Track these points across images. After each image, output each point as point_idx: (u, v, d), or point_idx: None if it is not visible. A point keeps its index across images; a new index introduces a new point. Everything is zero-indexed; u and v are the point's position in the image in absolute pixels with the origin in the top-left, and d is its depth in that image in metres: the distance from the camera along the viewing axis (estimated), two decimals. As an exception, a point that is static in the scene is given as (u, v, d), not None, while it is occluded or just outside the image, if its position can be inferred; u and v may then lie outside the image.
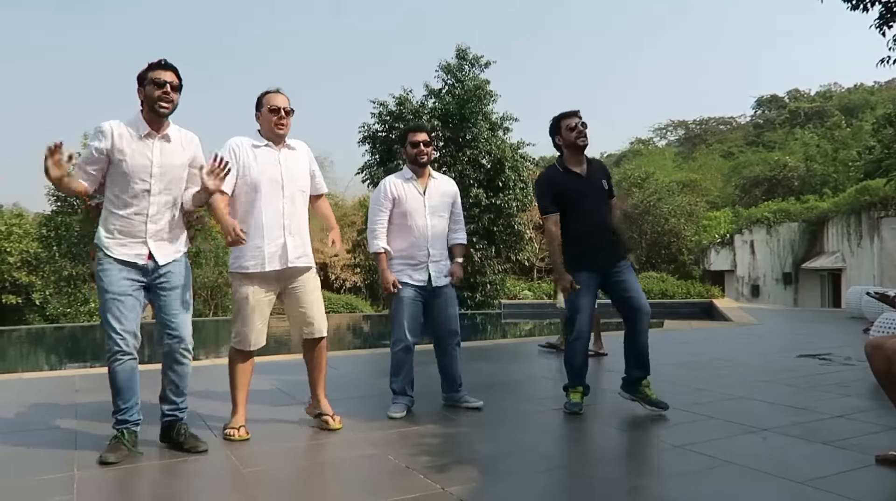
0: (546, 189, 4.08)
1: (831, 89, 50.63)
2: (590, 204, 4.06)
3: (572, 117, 4.09)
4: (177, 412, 3.43)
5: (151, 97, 3.22)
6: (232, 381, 3.66)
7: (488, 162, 17.83)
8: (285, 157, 3.69)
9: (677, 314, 14.05)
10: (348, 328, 15.26)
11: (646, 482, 2.95)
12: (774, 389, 4.79)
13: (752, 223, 25.53)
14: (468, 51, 18.46)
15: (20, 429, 3.80)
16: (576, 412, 4.04)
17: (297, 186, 3.70)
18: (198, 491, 2.92)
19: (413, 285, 4.13)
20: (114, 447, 3.20)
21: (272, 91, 3.71)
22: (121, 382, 3.21)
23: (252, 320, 3.58)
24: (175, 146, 3.35)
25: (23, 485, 2.89)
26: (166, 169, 3.30)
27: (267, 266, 3.55)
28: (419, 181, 4.23)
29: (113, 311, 3.18)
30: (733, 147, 45.09)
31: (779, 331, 9.71)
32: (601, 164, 4.32)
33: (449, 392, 4.34)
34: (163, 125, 3.31)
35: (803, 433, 3.54)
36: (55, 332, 14.58)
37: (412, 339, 4.13)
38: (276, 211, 3.59)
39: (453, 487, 2.77)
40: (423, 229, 4.15)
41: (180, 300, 3.37)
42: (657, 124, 57.31)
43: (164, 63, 3.28)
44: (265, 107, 3.65)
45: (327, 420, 3.76)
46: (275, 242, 3.57)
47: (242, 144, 3.62)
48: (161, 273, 3.33)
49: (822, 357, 6.29)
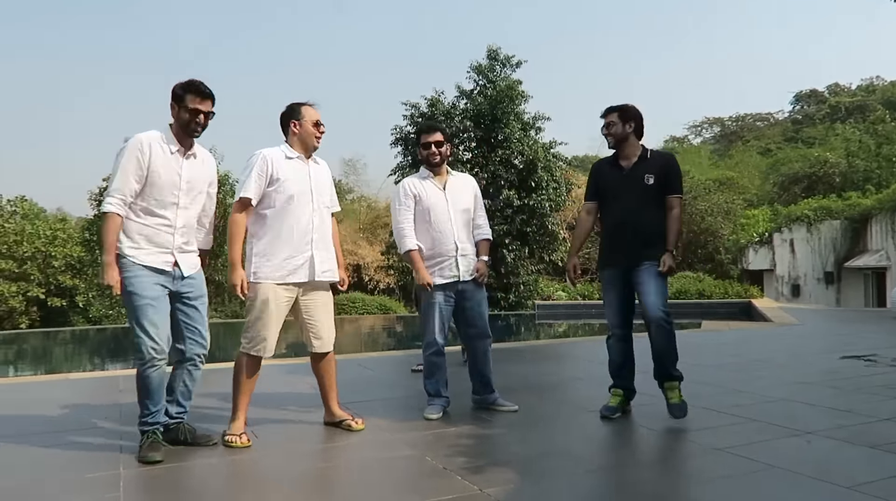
0: (589, 177, 4.25)
1: (874, 83, 49.26)
2: (621, 199, 3.97)
3: (608, 114, 4.04)
4: (184, 415, 3.52)
5: (186, 122, 3.32)
6: (237, 387, 3.61)
7: (521, 162, 17.74)
8: (314, 171, 3.73)
9: (715, 314, 13.81)
10: (382, 329, 15.34)
11: (685, 485, 2.91)
12: (817, 391, 4.68)
13: (792, 221, 24.97)
14: (499, 51, 18.42)
15: (67, 428, 3.90)
16: (605, 417, 3.97)
17: (323, 201, 3.74)
18: (238, 490, 2.96)
19: (444, 283, 4.11)
20: (153, 446, 3.26)
21: (310, 104, 3.74)
22: (153, 386, 3.27)
23: (272, 327, 3.58)
24: (199, 164, 3.47)
25: (71, 483, 2.97)
26: (192, 184, 3.40)
27: (294, 278, 3.59)
28: (437, 179, 4.23)
29: (148, 316, 3.21)
30: (771, 144, 44.20)
31: (820, 332, 9.48)
32: (662, 158, 4.07)
33: (483, 395, 4.30)
34: (191, 143, 3.42)
35: (849, 436, 3.45)
36: (98, 334, 14.96)
37: (443, 342, 4.15)
38: (306, 224, 3.62)
39: (491, 489, 2.77)
40: (447, 223, 4.13)
41: (203, 310, 3.48)
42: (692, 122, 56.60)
43: (205, 90, 3.35)
44: (306, 119, 3.68)
45: (350, 424, 3.78)
46: (303, 254, 3.60)
47: (276, 156, 3.63)
48: (186, 283, 3.40)
49: (866, 359, 6.12)
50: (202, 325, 3.46)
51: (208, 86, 3.37)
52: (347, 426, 3.78)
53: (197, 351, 3.46)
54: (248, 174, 3.56)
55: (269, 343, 3.59)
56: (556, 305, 17.27)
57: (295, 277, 3.59)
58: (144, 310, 3.22)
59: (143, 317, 3.21)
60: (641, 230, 3.91)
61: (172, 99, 3.35)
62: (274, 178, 3.58)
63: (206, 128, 3.39)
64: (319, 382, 3.86)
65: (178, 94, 3.33)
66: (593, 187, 4.16)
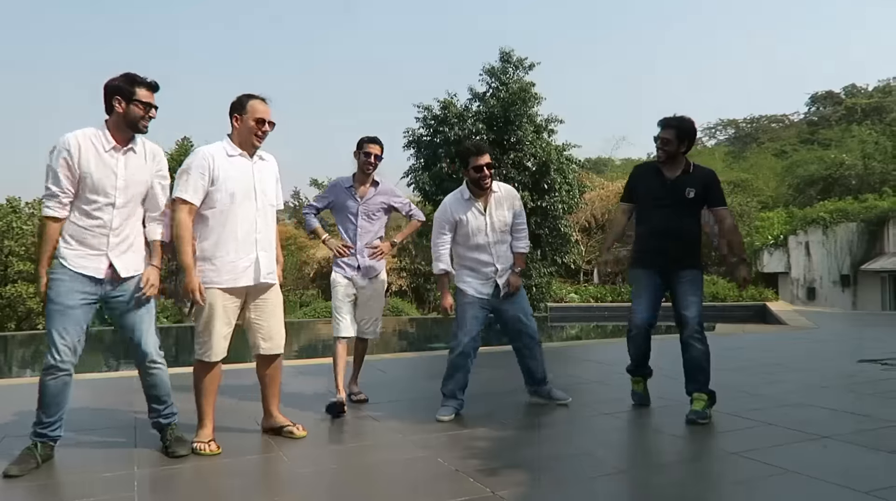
0: (629, 180, 4.36)
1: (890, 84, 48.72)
2: (662, 208, 4.08)
3: (660, 128, 4.10)
4: (160, 418, 3.42)
5: (135, 117, 3.17)
6: (197, 394, 3.50)
7: (533, 164, 17.68)
8: (258, 168, 3.55)
9: (729, 317, 13.71)
10: (394, 331, 15.36)
11: (701, 490, 2.88)
12: (835, 395, 4.63)
13: (808, 224, 24.72)
14: (512, 53, 18.40)
15: (81, 428, 3.92)
16: (641, 403, 4.26)
17: (268, 200, 3.57)
18: (251, 490, 2.96)
19: (479, 297, 4.22)
20: (22, 458, 3.13)
21: (259, 98, 3.52)
22: (49, 396, 3.15)
23: (218, 331, 3.45)
24: (140, 159, 3.27)
25: (86, 483, 2.99)
26: (130, 182, 3.22)
27: (241, 281, 3.45)
28: (479, 201, 4.24)
29: (58, 323, 3.09)
30: (786, 145, 43.77)
31: (837, 335, 9.38)
32: (703, 173, 4.16)
33: (535, 386, 4.49)
34: (129, 138, 3.24)
35: (868, 441, 3.40)
36: (113, 335, 15.07)
37: (472, 345, 4.18)
38: (249, 224, 3.47)
39: (503, 491, 2.76)
40: (487, 247, 4.23)
41: (141, 315, 3.30)
42: (706, 124, 56.15)
43: (152, 83, 3.23)
44: (249, 115, 3.47)
45: (291, 431, 3.67)
46: (248, 256, 3.46)
47: (217, 153, 3.46)
48: (121, 289, 3.25)
49: (885, 363, 6.04)
50: (140, 331, 3.29)
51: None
52: (289, 433, 3.66)
53: (139, 359, 3.33)
54: (189, 174, 3.38)
55: (217, 348, 3.45)
56: (569, 307, 17.22)
57: (241, 280, 3.45)
58: (56, 317, 3.10)
59: (52, 324, 3.10)
60: (682, 239, 4.09)
61: (116, 93, 3.15)
62: (215, 177, 3.40)
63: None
64: (263, 387, 3.73)
65: (124, 89, 3.15)
66: (628, 186, 4.32)
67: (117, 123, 3.19)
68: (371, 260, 4.49)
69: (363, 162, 4.47)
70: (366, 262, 4.49)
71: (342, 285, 4.47)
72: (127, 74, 3.20)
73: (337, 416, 4.13)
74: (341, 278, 4.48)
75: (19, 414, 4.22)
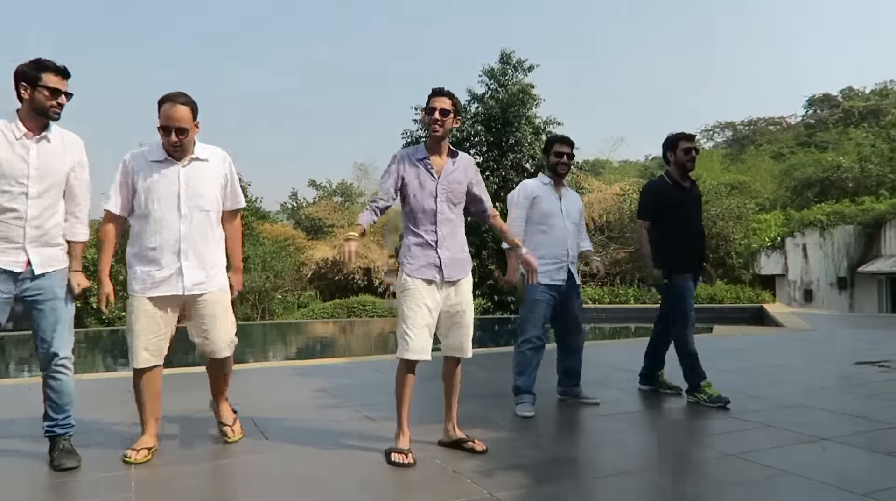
0: (650, 196, 4.64)
1: (888, 87, 48.85)
2: (688, 214, 4.56)
3: (691, 141, 4.53)
4: (56, 428, 3.29)
5: (42, 104, 3.07)
6: (136, 400, 3.43)
7: (532, 166, 17.73)
8: (189, 172, 3.33)
9: (726, 319, 13.71)
10: (392, 332, 15.33)
11: (700, 492, 2.89)
12: (832, 397, 4.64)
13: (805, 226, 24.78)
14: (511, 55, 18.44)
15: (79, 429, 3.88)
16: (721, 406, 4.28)
17: (197, 205, 3.33)
18: (248, 491, 2.96)
19: (551, 285, 4.30)
20: None
21: (169, 100, 3.24)
22: None
23: (143, 338, 3.33)
24: (55, 147, 3.16)
25: (83, 483, 2.99)
26: (45, 171, 3.11)
27: (159, 291, 3.29)
28: (556, 188, 4.46)
29: None
30: (784, 148, 43.87)
31: (834, 337, 9.40)
32: (696, 186, 4.78)
33: (567, 386, 4.58)
34: (43, 126, 3.14)
35: (865, 442, 3.41)
36: (111, 335, 15.05)
37: (543, 337, 4.32)
38: (170, 233, 3.28)
39: (501, 493, 2.76)
40: (562, 230, 4.36)
41: (57, 313, 3.19)
42: (703, 126, 56.17)
43: (61, 69, 3.11)
44: (160, 121, 3.24)
45: (226, 431, 3.63)
46: (169, 267, 3.29)
47: (137, 159, 3.31)
48: (35, 285, 3.14)
49: (882, 365, 6.06)
50: (52, 330, 3.17)
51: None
52: (224, 434, 3.63)
53: (47, 360, 3.20)
54: (113, 182, 3.30)
55: (142, 355, 3.34)
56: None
57: (160, 290, 3.29)
58: None
59: None
60: (702, 240, 4.70)
61: (22, 79, 3.05)
62: (136, 184, 3.29)
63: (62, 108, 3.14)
64: (212, 383, 3.67)
65: (30, 74, 3.05)
66: (657, 205, 4.57)
67: (27, 110, 3.10)
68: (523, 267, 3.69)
69: (428, 121, 3.37)
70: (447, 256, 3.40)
71: (420, 289, 3.39)
72: (35, 60, 3.09)
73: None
74: (418, 281, 3.41)
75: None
